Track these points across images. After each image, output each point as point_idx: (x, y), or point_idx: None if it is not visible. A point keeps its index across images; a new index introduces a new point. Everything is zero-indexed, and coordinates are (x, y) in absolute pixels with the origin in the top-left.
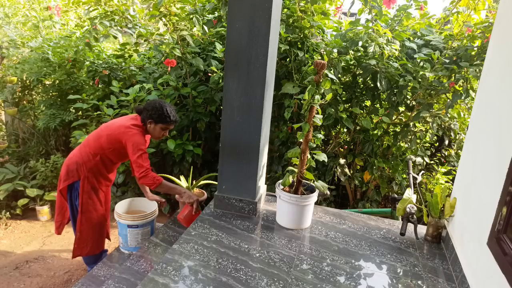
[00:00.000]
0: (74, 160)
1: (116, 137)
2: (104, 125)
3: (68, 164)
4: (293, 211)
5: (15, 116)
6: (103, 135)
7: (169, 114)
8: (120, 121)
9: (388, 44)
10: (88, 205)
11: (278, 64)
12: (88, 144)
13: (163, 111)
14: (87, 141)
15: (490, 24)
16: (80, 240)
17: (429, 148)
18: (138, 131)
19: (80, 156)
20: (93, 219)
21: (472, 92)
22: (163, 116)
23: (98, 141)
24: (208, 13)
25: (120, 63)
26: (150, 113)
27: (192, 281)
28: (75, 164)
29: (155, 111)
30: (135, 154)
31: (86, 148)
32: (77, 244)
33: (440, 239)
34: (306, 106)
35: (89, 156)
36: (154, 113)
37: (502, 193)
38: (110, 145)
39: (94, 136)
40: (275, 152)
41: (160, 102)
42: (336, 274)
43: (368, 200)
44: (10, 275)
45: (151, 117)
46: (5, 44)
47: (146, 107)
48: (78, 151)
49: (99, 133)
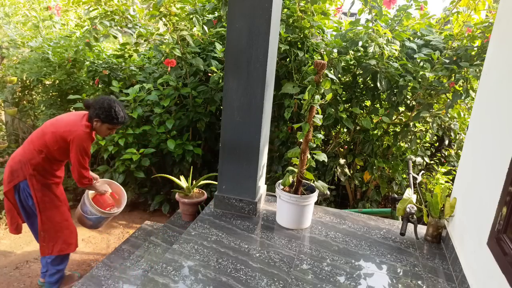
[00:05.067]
0: (17, 159)
1: (61, 135)
2: (49, 122)
3: (11, 164)
4: (293, 211)
5: (15, 116)
6: (47, 132)
7: (117, 115)
8: (67, 118)
9: (388, 44)
10: (45, 203)
11: (278, 64)
12: (32, 141)
13: (110, 112)
14: (30, 139)
15: (490, 24)
16: (47, 239)
17: (429, 148)
18: (85, 131)
19: (23, 154)
20: (55, 216)
21: (472, 92)
22: (110, 117)
23: (43, 138)
24: (208, 13)
25: (120, 63)
26: (97, 112)
27: (192, 281)
28: (18, 163)
29: (102, 111)
30: (78, 160)
31: (30, 145)
32: (45, 243)
33: (440, 239)
34: (306, 106)
35: (33, 153)
36: (101, 113)
37: (502, 193)
38: (55, 143)
39: (38, 133)
40: (275, 152)
41: (109, 102)
42: (336, 274)
43: (368, 200)
44: (10, 275)
45: (98, 116)
46: (5, 44)
47: (94, 104)
48: (21, 150)
49: (43, 130)
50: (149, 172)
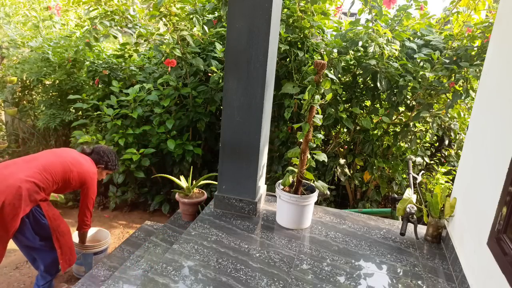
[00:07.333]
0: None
1: (84, 177)
2: (70, 160)
3: (28, 188)
4: (293, 211)
5: (15, 116)
6: (73, 171)
7: (118, 163)
8: (84, 161)
9: (388, 44)
10: (56, 221)
11: (278, 64)
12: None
13: (114, 161)
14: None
15: (490, 24)
16: (64, 254)
17: (429, 148)
18: (96, 176)
19: (42, 181)
20: (65, 228)
21: (472, 92)
22: (113, 164)
23: (68, 175)
24: (208, 13)
25: (120, 63)
26: (103, 160)
27: (192, 281)
28: (35, 187)
29: (107, 159)
30: (91, 202)
31: (48, 176)
32: (63, 260)
33: (440, 239)
34: (306, 106)
35: (49, 183)
36: (107, 161)
37: (502, 193)
38: (76, 181)
39: (60, 167)
40: (275, 152)
41: (111, 151)
42: (336, 274)
43: (368, 200)
44: (10, 275)
45: (103, 163)
46: (5, 44)
47: (97, 152)
48: (38, 175)
49: (68, 166)
50: (149, 172)
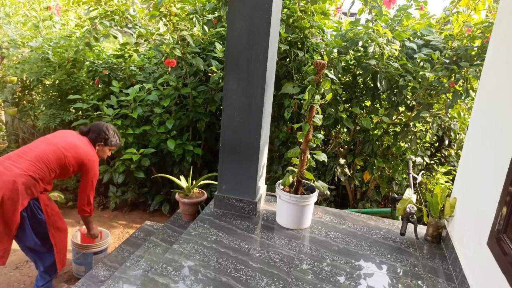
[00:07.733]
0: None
1: (82, 160)
2: (63, 145)
3: (24, 182)
4: (293, 211)
5: (15, 116)
6: (68, 156)
7: (118, 136)
8: (80, 143)
9: (388, 44)
10: (53, 217)
11: (278, 64)
12: (48, 161)
13: (113, 134)
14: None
15: (490, 24)
16: (58, 253)
17: (429, 148)
18: (96, 157)
19: (37, 172)
20: (62, 226)
21: (472, 92)
22: (112, 138)
23: (63, 161)
24: (208, 13)
25: (120, 63)
26: (100, 136)
27: (192, 281)
28: (31, 180)
29: (104, 134)
30: (92, 185)
31: (42, 165)
32: (57, 258)
33: (440, 239)
34: (306, 106)
35: (45, 172)
36: (104, 136)
37: (502, 193)
38: (74, 166)
39: (54, 155)
40: (275, 152)
41: (107, 126)
42: (336, 274)
43: (368, 200)
44: (10, 275)
45: (101, 140)
46: (5, 44)
47: (93, 129)
48: (32, 166)
49: (62, 152)
50: (149, 172)
